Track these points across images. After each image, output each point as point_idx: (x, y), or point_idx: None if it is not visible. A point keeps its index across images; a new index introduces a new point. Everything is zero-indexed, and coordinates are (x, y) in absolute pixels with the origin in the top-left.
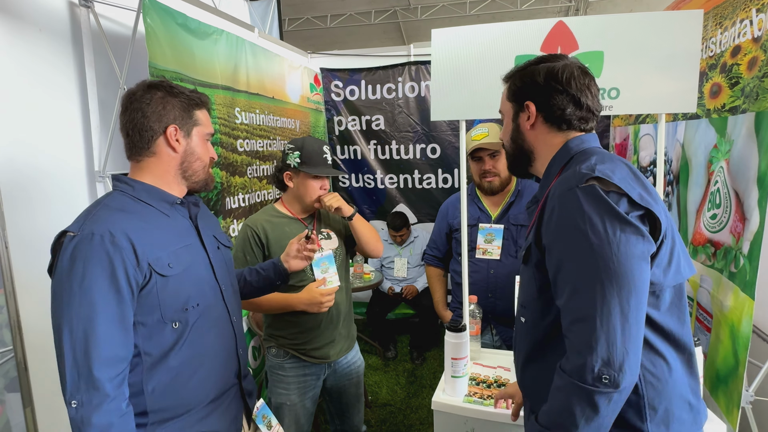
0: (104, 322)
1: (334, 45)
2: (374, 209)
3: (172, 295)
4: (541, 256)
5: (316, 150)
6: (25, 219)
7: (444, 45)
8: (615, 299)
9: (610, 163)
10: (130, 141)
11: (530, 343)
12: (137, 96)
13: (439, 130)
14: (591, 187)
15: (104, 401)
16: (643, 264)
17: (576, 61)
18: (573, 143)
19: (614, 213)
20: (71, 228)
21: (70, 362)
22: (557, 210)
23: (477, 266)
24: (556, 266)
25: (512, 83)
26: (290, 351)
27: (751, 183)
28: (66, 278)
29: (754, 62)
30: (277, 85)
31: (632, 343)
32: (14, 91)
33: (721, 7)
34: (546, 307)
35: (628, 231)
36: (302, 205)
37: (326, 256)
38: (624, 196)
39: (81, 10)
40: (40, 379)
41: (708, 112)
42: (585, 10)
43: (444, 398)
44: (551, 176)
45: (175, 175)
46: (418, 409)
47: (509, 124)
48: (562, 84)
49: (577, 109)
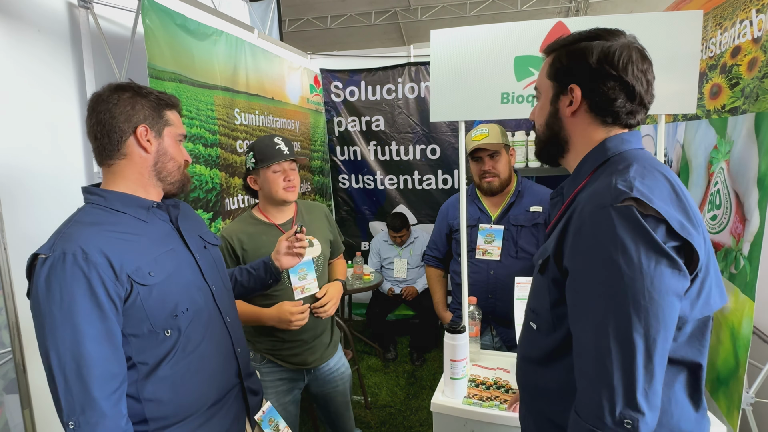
0: (91, 342)
1: (334, 46)
2: (374, 210)
3: (159, 303)
4: (559, 274)
5: (267, 144)
6: (23, 220)
7: (443, 45)
8: (641, 338)
9: (651, 178)
10: (99, 144)
11: (538, 350)
12: (104, 97)
13: (438, 130)
14: (628, 209)
15: (101, 420)
16: (676, 301)
17: (634, 40)
18: (611, 143)
19: (651, 242)
20: (42, 250)
21: (62, 386)
22: (587, 230)
23: (477, 267)
24: (579, 292)
25: (556, 59)
26: (266, 356)
27: (751, 184)
28: (45, 303)
29: (754, 63)
30: (276, 86)
31: (654, 385)
32: (13, 91)
33: (721, 7)
34: (558, 321)
35: (664, 264)
36: (276, 207)
37: (305, 263)
38: (663, 222)
39: (80, 11)
40: (38, 381)
41: (708, 113)
42: (585, 11)
43: (443, 400)
44: (581, 176)
45: (150, 177)
46: (417, 411)
47: (546, 105)
48: (618, 69)
49: (628, 101)
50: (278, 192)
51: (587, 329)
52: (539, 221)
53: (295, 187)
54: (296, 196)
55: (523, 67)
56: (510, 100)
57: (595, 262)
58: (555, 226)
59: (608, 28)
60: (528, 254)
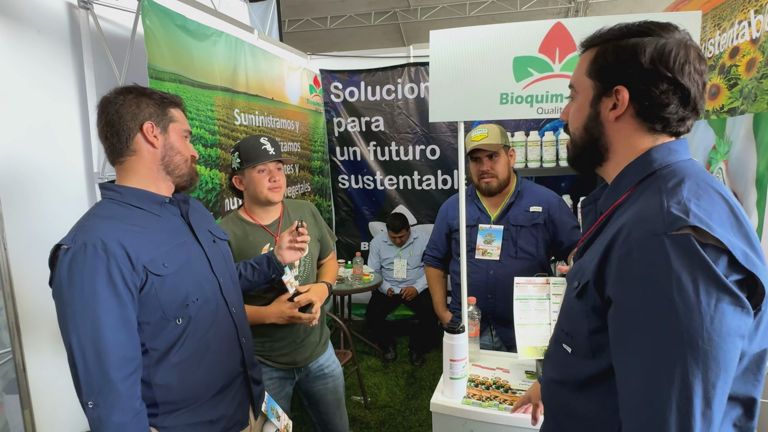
0: (109, 328)
1: (334, 46)
2: (374, 210)
3: (171, 293)
4: (601, 302)
5: (252, 145)
6: (24, 221)
7: (442, 46)
8: (699, 383)
9: (707, 199)
10: (110, 144)
11: (572, 374)
12: (111, 99)
13: (438, 131)
14: (685, 238)
15: (118, 400)
16: (738, 342)
17: (689, 37)
18: (658, 153)
19: (712, 276)
20: (65, 241)
21: (82, 368)
22: (636, 259)
23: (476, 267)
24: (625, 328)
25: (600, 55)
26: (256, 356)
27: (750, 184)
28: (67, 291)
29: (753, 63)
30: (276, 87)
31: (713, 430)
32: (13, 92)
33: (720, 8)
34: (598, 349)
35: (726, 301)
36: (262, 207)
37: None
38: (725, 253)
39: (80, 11)
40: (38, 381)
41: (707, 114)
42: (585, 12)
43: (443, 400)
44: (621, 189)
45: (159, 171)
46: (417, 411)
47: (584, 107)
48: (673, 70)
49: (681, 106)
50: (263, 192)
51: (634, 369)
52: (539, 221)
53: (280, 188)
54: (281, 196)
55: (522, 67)
56: (509, 101)
57: (646, 295)
58: (589, 242)
59: (659, 21)
60: (527, 254)
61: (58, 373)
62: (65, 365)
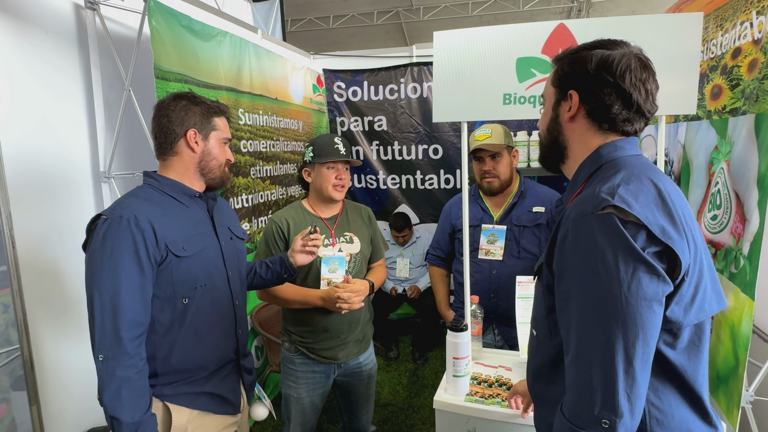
0: (127, 291)
1: (337, 46)
2: (376, 210)
3: (184, 273)
4: (552, 280)
5: (327, 142)
6: (31, 219)
7: (446, 47)
8: (620, 342)
9: (636, 183)
10: (158, 143)
11: (540, 358)
12: (165, 104)
13: (441, 131)
14: (607, 216)
15: (125, 357)
16: (655, 306)
17: (638, 50)
18: (605, 150)
19: (629, 248)
20: (105, 212)
21: (98, 323)
22: (570, 236)
23: (479, 267)
24: (563, 297)
25: (560, 67)
26: (300, 348)
27: (752, 184)
28: (98, 253)
29: (755, 64)
30: (280, 86)
31: (636, 389)
32: (21, 92)
33: (722, 9)
34: (554, 328)
35: (642, 270)
36: (324, 202)
37: (337, 257)
38: (643, 228)
39: (87, 12)
40: (46, 378)
41: (709, 114)
42: (587, 12)
43: (446, 397)
44: (577, 184)
45: (194, 172)
46: (420, 409)
47: (548, 111)
48: (615, 76)
49: (624, 109)
50: (328, 188)
51: (570, 333)
52: (541, 221)
53: (344, 187)
54: (343, 195)
55: (525, 68)
56: (512, 101)
57: (577, 267)
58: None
59: (614, 39)
60: (530, 254)
61: (65, 369)
62: (73, 362)
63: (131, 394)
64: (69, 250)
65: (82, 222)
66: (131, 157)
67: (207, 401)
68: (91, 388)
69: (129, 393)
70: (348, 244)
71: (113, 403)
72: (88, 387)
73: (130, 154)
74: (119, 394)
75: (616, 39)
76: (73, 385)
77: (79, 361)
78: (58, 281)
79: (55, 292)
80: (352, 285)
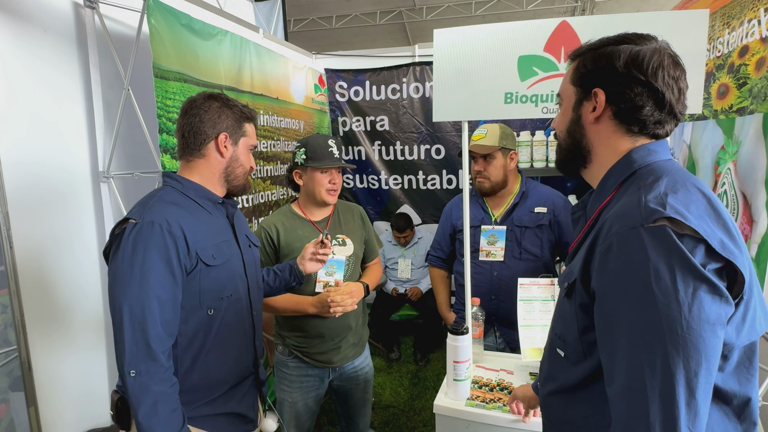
0: (160, 301)
1: (340, 46)
2: (378, 210)
3: (212, 283)
4: (588, 299)
5: (321, 144)
6: (29, 220)
7: (446, 45)
8: (680, 372)
9: (684, 192)
10: (185, 142)
11: (566, 379)
12: (197, 103)
13: (443, 130)
14: (661, 229)
15: (160, 371)
16: (719, 330)
17: (666, 45)
18: (638, 154)
19: (688, 266)
20: (133, 216)
21: (129, 336)
22: (615, 252)
23: (480, 268)
24: (605, 320)
25: (581, 63)
26: (294, 351)
27: (759, 185)
28: (129, 261)
29: (762, 63)
30: (281, 86)
31: (698, 423)
32: (19, 91)
33: (729, 6)
34: (589, 349)
35: (704, 290)
36: (316, 205)
37: (336, 260)
38: (701, 242)
39: (86, 11)
40: (44, 379)
41: (715, 113)
42: (591, 10)
43: (446, 402)
44: (606, 191)
45: (219, 177)
46: (421, 411)
47: (568, 112)
48: (647, 74)
49: (656, 109)
50: (321, 193)
51: (617, 360)
52: (543, 222)
53: (336, 191)
54: (336, 199)
55: (526, 66)
56: (513, 100)
57: (626, 287)
58: (579, 245)
59: (639, 32)
60: (532, 255)
61: (63, 370)
62: (71, 363)
63: (167, 408)
64: (68, 250)
65: (81, 222)
66: (130, 156)
67: (226, 423)
68: (89, 389)
69: (165, 408)
70: (341, 247)
71: (149, 419)
72: (85, 388)
73: (130, 153)
74: (155, 409)
75: (642, 33)
76: (71, 387)
77: (76, 362)
78: (57, 281)
79: (53, 293)
80: (344, 287)
